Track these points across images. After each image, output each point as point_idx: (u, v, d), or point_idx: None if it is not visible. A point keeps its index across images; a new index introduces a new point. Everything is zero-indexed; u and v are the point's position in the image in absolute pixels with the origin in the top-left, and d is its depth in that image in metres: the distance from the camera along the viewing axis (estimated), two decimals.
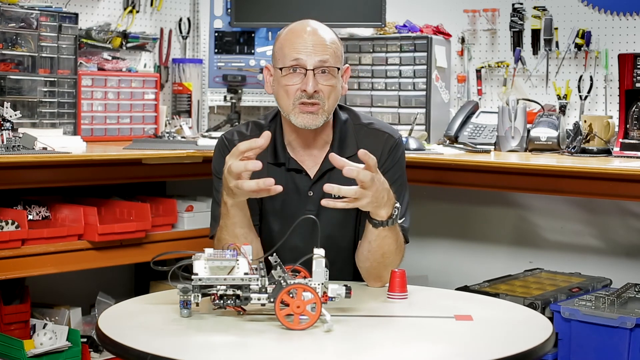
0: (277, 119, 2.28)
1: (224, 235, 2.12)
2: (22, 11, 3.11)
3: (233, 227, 2.10)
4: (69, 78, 3.27)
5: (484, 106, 3.63)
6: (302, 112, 2.15)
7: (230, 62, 3.89)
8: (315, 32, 2.17)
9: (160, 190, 3.61)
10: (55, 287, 3.33)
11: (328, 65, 2.15)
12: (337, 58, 2.18)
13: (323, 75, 2.15)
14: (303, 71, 2.14)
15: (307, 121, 2.16)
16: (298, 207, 2.22)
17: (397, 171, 2.25)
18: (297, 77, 2.15)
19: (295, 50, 2.14)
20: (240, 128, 2.32)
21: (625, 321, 2.70)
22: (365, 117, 2.33)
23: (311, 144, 2.24)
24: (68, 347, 2.94)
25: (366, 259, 2.14)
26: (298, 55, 2.14)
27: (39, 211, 3.03)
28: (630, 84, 3.05)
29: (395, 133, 2.30)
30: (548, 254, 3.52)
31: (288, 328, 1.74)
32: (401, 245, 2.17)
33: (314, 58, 2.14)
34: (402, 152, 2.29)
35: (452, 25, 3.69)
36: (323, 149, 2.24)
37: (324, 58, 2.14)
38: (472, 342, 1.75)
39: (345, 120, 2.28)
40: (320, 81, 2.15)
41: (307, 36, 2.16)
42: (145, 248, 3.07)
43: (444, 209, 3.77)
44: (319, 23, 2.22)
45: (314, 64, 2.14)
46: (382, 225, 2.06)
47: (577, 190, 2.96)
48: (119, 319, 1.87)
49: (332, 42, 2.18)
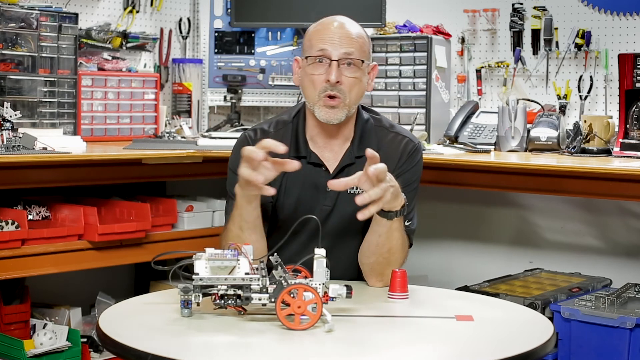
0: (301, 113, 2.31)
1: (230, 225, 2.15)
2: (22, 11, 3.11)
3: (239, 218, 2.12)
4: (69, 78, 3.26)
5: (484, 106, 3.63)
6: (325, 105, 2.19)
7: (230, 62, 3.89)
8: (342, 26, 2.22)
9: (160, 190, 3.61)
10: (55, 287, 3.33)
11: (353, 57, 2.18)
12: (364, 53, 2.22)
13: (348, 67, 2.19)
14: (328, 61, 2.18)
15: (328, 115, 2.20)
16: (314, 201, 2.24)
17: (413, 175, 2.28)
18: (322, 67, 2.19)
19: (322, 41, 2.19)
20: (262, 125, 2.34)
21: (625, 321, 2.70)
22: (386, 120, 2.37)
23: (333, 140, 2.27)
24: (68, 347, 2.94)
25: (372, 253, 2.15)
26: (324, 46, 2.18)
27: (39, 211, 3.03)
28: (630, 84, 3.05)
29: (414, 139, 2.34)
30: (548, 254, 3.52)
31: (289, 328, 1.74)
32: (405, 245, 2.19)
33: (340, 49, 2.18)
34: (419, 158, 2.32)
35: (452, 25, 3.69)
36: (343, 145, 2.28)
37: (349, 50, 2.18)
38: (473, 342, 1.75)
39: (367, 120, 2.32)
40: (344, 73, 2.18)
41: (335, 29, 2.21)
42: (145, 248, 3.07)
43: (444, 209, 3.77)
44: (348, 18, 2.27)
45: (339, 55, 2.18)
46: (396, 216, 2.08)
47: (577, 190, 2.96)
48: (119, 319, 1.86)
49: (359, 37, 2.22)
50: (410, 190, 2.21)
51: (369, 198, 1.95)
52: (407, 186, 2.17)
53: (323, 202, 2.24)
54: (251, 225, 2.12)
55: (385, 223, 2.10)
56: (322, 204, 2.23)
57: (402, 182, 2.11)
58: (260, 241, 2.14)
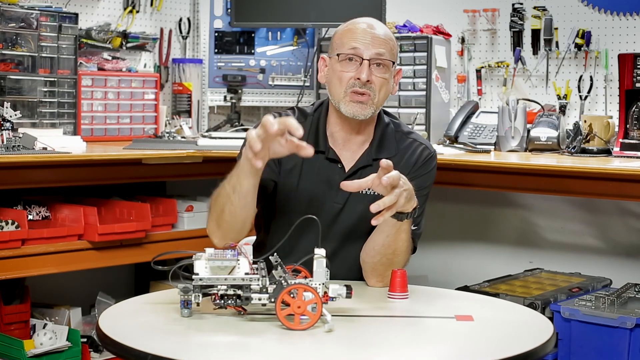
0: (323, 108, 2.31)
1: (225, 183, 2.09)
2: (22, 11, 3.11)
3: (236, 179, 2.06)
4: (69, 78, 3.27)
5: (484, 106, 3.63)
6: (352, 100, 2.19)
7: (230, 62, 3.89)
8: (374, 27, 2.23)
9: (160, 190, 3.61)
10: (55, 287, 3.33)
11: (384, 58, 2.20)
12: (393, 55, 2.24)
13: (378, 67, 2.20)
14: (359, 60, 2.19)
15: (356, 110, 2.20)
16: (326, 197, 2.24)
17: (426, 181, 2.28)
18: (352, 66, 2.20)
19: (354, 39, 2.20)
20: (287, 112, 2.33)
21: (625, 321, 2.70)
22: (405, 127, 2.37)
23: (352, 139, 2.27)
24: (68, 347, 2.94)
25: (377, 253, 2.15)
26: (356, 44, 2.19)
27: (39, 211, 3.03)
28: (630, 84, 3.05)
29: (431, 147, 2.34)
30: (548, 254, 3.52)
31: (289, 328, 1.74)
32: (409, 248, 2.20)
33: (371, 50, 2.19)
34: (434, 165, 2.33)
35: (452, 25, 3.69)
36: (362, 146, 2.28)
37: (381, 51, 2.19)
38: (472, 342, 1.75)
39: (388, 124, 2.32)
40: (374, 72, 2.19)
41: (367, 29, 2.22)
42: (145, 248, 3.07)
43: (444, 208, 3.77)
44: (378, 21, 2.28)
45: (370, 55, 2.19)
46: (407, 217, 2.08)
47: (577, 190, 2.97)
48: (119, 319, 1.86)
49: (389, 39, 2.23)
50: (421, 196, 2.20)
51: (383, 205, 1.94)
52: (419, 190, 2.16)
53: (334, 199, 2.23)
54: (244, 190, 2.06)
55: (394, 224, 2.10)
56: (334, 201, 2.23)
57: (415, 186, 2.09)
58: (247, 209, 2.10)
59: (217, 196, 2.12)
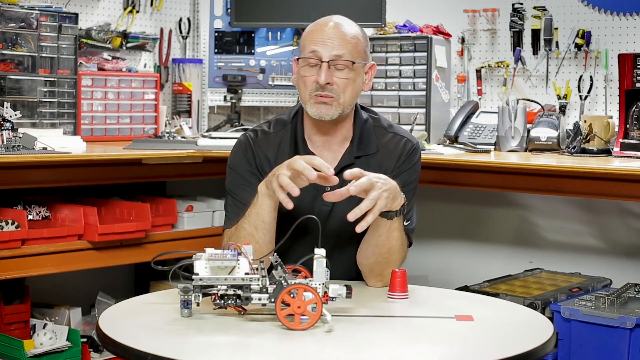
0: (299, 114, 2.31)
1: (244, 224, 2.14)
2: (22, 11, 3.11)
3: (256, 217, 2.12)
4: (69, 78, 3.26)
5: (484, 106, 3.63)
6: (316, 102, 2.20)
7: (230, 62, 3.89)
8: (336, 27, 2.21)
9: (160, 190, 3.61)
10: (55, 287, 3.33)
11: (344, 59, 2.18)
12: (358, 53, 2.21)
13: (338, 69, 2.19)
14: (319, 63, 2.18)
15: (320, 111, 2.20)
16: (314, 202, 2.24)
17: (412, 175, 2.28)
18: (314, 69, 2.19)
19: (314, 42, 2.19)
20: (262, 126, 2.34)
21: (625, 321, 2.70)
22: (385, 121, 2.37)
23: (331, 140, 2.27)
24: (68, 347, 2.94)
25: (372, 254, 2.15)
26: (315, 47, 2.19)
27: (39, 211, 3.02)
28: (630, 84, 3.05)
29: (413, 139, 2.34)
30: (548, 254, 3.52)
31: (289, 328, 1.74)
32: (404, 245, 2.19)
33: (330, 51, 2.18)
34: (418, 158, 2.32)
35: (452, 25, 3.68)
36: (342, 145, 2.28)
37: (340, 52, 2.18)
38: (472, 342, 1.75)
39: (366, 120, 2.32)
40: (335, 74, 2.18)
41: (328, 29, 2.20)
42: (145, 248, 3.07)
43: (444, 209, 3.77)
44: (345, 18, 2.26)
45: (329, 57, 2.18)
46: (396, 215, 2.09)
47: (577, 190, 2.96)
48: (119, 319, 1.86)
49: (352, 37, 2.21)
50: (409, 190, 2.21)
51: (360, 211, 1.97)
52: (405, 185, 2.18)
53: (322, 202, 2.24)
54: (268, 226, 2.13)
55: (385, 223, 2.10)
56: (322, 204, 2.23)
57: (400, 181, 2.11)
58: (272, 242, 2.15)
59: (238, 237, 2.13)
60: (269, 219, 2.12)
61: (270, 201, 2.10)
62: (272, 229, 2.14)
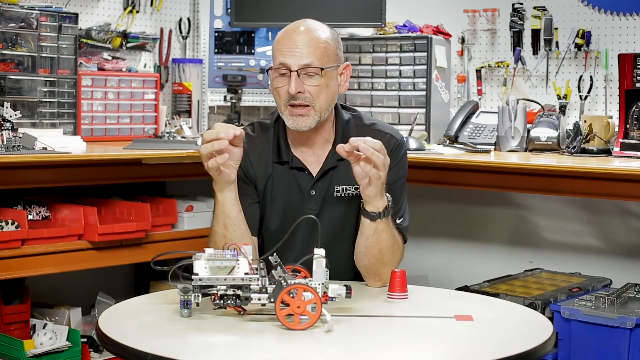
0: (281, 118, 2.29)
1: (214, 227, 2.16)
2: (22, 11, 3.11)
3: (222, 216, 2.13)
4: (69, 78, 3.26)
5: (484, 106, 3.63)
6: (291, 114, 2.18)
7: (230, 62, 3.89)
8: (304, 33, 2.18)
9: (160, 190, 3.61)
10: (55, 287, 3.33)
11: (313, 66, 2.16)
12: (328, 57, 2.19)
13: (309, 76, 2.17)
14: (288, 73, 2.16)
15: (297, 123, 2.19)
16: (300, 206, 2.23)
17: (399, 172, 2.26)
18: (285, 79, 2.17)
19: (282, 53, 2.17)
20: (247, 129, 2.33)
21: (625, 321, 2.70)
22: (367, 118, 2.35)
23: (313, 143, 2.26)
24: (68, 347, 2.94)
25: (364, 255, 2.15)
26: (283, 58, 2.17)
27: (39, 211, 3.02)
28: (630, 84, 3.05)
29: (397, 134, 2.31)
30: (548, 254, 3.52)
31: (288, 328, 1.74)
32: (398, 243, 2.18)
33: (298, 60, 2.15)
34: (404, 153, 2.31)
35: (452, 25, 3.69)
36: (325, 148, 2.26)
37: (308, 61, 2.15)
38: (472, 342, 1.75)
39: (348, 120, 2.30)
40: (305, 82, 2.16)
41: (296, 37, 2.17)
42: (145, 248, 3.07)
43: (444, 209, 3.77)
44: (313, 22, 2.23)
45: (297, 66, 2.15)
46: (379, 217, 2.08)
47: (577, 190, 2.96)
48: (119, 319, 1.87)
49: (321, 42, 2.18)
50: (398, 187, 2.20)
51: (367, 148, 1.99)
52: (394, 183, 2.17)
53: (309, 206, 2.23)
54: (235, 221, 2.13)
55: (370, 225, 2.10)
56: (308, 208, 2.22)
57: (388, 179, 2.09)
58: (245, 236, 2.14)
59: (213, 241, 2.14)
60: (234, 212, 2.13)
61: (227, 192, 2.11)
62: (240, 221, 2.14)
